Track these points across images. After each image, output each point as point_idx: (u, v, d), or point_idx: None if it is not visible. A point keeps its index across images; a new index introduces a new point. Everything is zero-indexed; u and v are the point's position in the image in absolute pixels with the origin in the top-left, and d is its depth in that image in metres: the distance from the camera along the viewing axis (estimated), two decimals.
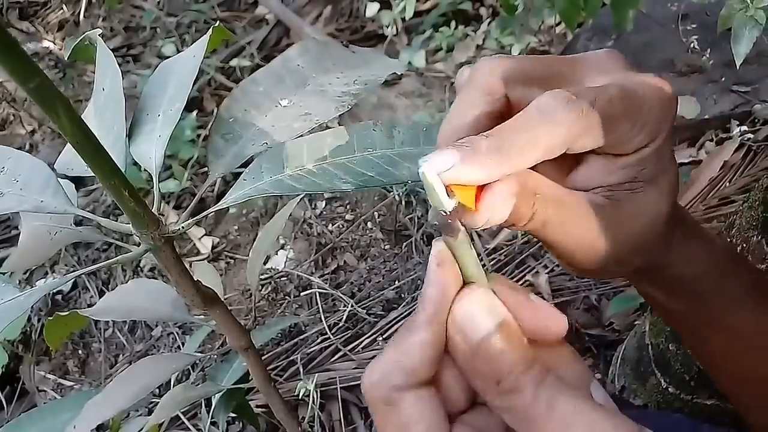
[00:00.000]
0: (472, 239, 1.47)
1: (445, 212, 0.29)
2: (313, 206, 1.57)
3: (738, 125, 1.40)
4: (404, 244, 1.45)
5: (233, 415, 0.94)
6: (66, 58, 0.49)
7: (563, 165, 0.36)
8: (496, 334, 0.29)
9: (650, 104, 0.33)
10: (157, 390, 1.11)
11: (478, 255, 1.37)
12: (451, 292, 0.31)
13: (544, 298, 0.32)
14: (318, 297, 1.36)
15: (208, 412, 0.83)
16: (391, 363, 0.31)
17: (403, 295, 1.35)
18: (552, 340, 0.32)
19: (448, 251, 0.31)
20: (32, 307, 0.54)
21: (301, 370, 1.23)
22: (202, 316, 0.69)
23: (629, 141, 0.33)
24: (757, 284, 0.44)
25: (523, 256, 1.33)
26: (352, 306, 1.31)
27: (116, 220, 0.46)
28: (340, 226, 1.53)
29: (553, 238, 0.33)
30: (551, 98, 0.31)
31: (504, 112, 0.35)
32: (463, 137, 0.31)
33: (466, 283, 0.31)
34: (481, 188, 0.30)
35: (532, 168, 0.31)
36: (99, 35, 0.48)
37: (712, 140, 1.43)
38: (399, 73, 0.44)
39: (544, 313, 0.31)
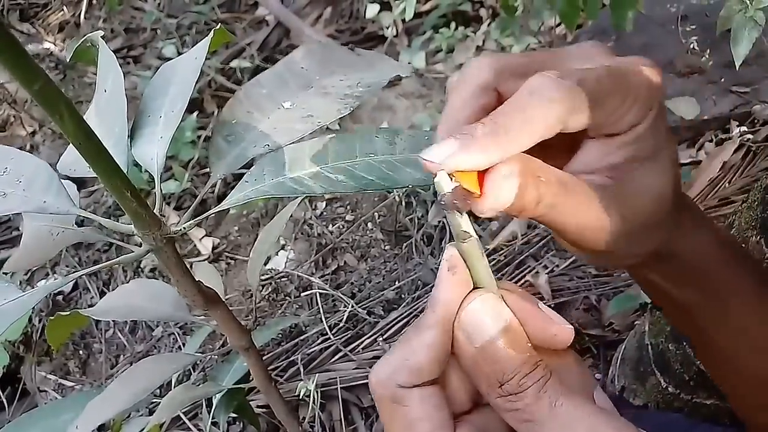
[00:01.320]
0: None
1: (447, 196, 0.30)
2: (313, 207, 1.57)
3: (737, 126, 1.40)
4: (404, 244, 1.45)
5: (234, 415, 0.94)
6: (67, 60, 0.50)
7: (561, 153, 0.37)
8: (501, 337, 0.30)
9: (637, 79, 0.34)
10: (158, 390, 1.11)
11: None
12: (459, 296, 0.31)
13: (543, 299, 0.33)
14: (318, 297, 1.36)
15: (209, 413, 0.84)
16: (398, 362, 0.32)
17: (403, 296, 1.35)
18: (557, 348, 0.32)
19: (459, 256, 0.31)
20: (33, 307, 0.54)
21: (302, 370, 1.23)
22: (203, 317, 0.69)
23: (622, 117, 0.34)
24: (762, 281, 0.44)
25: (523, 256, 1.34)
26: (352, 306, 1.31)
27: (118, 221, 0.46)
28: (341, 226, 1.53)
29: (562, 220, 0.33)
30: (541, 79, 0.32)
31: (496, 105, 0.35)
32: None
33: (475, 287, 0.32)
34: (483, 174, 0.30)
35: (531, 154, 0.31)
36: (100, 37, 0.49)
37: (711, 141, 1.43)
38: (403, 76, 0.44)
39: (551, 322, 0.32)
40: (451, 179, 0.30)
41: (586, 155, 0.36)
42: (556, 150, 0.36)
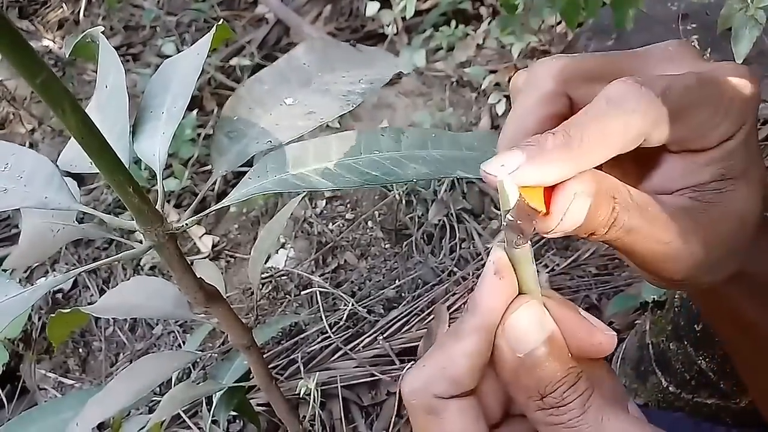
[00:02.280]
0: (473, 239, 1.48)
1: (512, 213, 0.27)
2: (313, 205, 1.57)
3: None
4: (405, 243, 1.45)
5: (234, 413, 0.93)
6: (66, 56, 0.49)
7: (639, 169, 0.34)
8: (544, 348, 0.28)
9: (730, 90, 0.30)
10: (158, 388, 1.11)
11: (479, 255, 1.37)
12: (504, 304, 0.29)
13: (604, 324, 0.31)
14: (318, 296, 1.36)
15: (209, 411, 0.83)
16: (434, 370, 0.30)
17: (403, 294, 1.35)
18: (596, 357, 0.30)
19: (507, 260, 0.29)
20: (33, 305, 0.54)
21: (302, 368, 1.23)
22: (203, 314, 0.69)
23: (711, 132, 0.30)
24: None
25: None
26: (352, 305, 1.31)
27: (118, 218, 0.46)
28: (341, 225, 1.53)
29: (640, 247, 0.30)
30: (621, 86, 0.29)
31: (567, 114, 0.32)
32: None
33: (519, 294, 0.30)
34: (551, 190, 0.28)
35: (603, 168, 0.29)
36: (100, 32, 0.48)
37: None
38: (404, 73, 0.44)
39: (595, 330, 0.30)
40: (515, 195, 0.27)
41: (667, 172, 0.32)
42: (632, 164, 0.33)
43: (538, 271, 1.27)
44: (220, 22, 0.48)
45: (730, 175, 0.31)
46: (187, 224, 0.43)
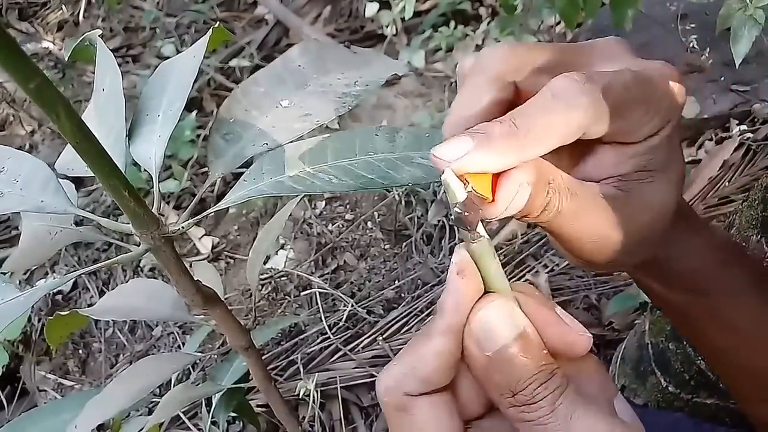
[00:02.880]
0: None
1: (460, 205, 0.28)
2: (313, 206, 1.57)
3: (737, 124, 1.40)
4: (404, 243, 1.45)
5: (234, 414, 0.94)
6: (66, 59, 0.49)
7: (572, 156, 0.35)
8: (514, 345, 0.29)
9: (663, 90, 0.32)
10: (158, 390, 1.11)
11: None
12: (470, 303, 0.30)
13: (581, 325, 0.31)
14: (318, 297, 1.36)
15: (209, 412, 0.84)
16: (405, 369, 0.30)
17: (403, 295, 1.35)
18: (571, 356, 0.31)
19: (470, 260, 0.30)
20: (32, 307, 0.54)
21: (302, 369, 1.23)
22: (203, 316, 0.69)
23: (641, 128, 0.32)
24: (758, 277, 0.43)
25: (523, 255, 1.33)
26: (352, 306, 1.31)
27: (116, 220, 0.46)
28: (340, 225, 1.53)
29: (566, 229, 0.32)
30: (566, 81, 0.30)
31: (512, 100, 0.33)
32: (473, 125, 0.30)
33: (487, 292, 0.30)
34: (496, 177, 0.29)
35: (544, 157, 0.30)
36: (98, 36, 0.48)
37: (711, 139, 1.43)
38: (399, 75, 0.44)
39: (569, 330, 0.30)
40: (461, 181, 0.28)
41: (597, 161, 0.34)
42: (566, 152, 0.35)
43: (537, 271, 1.28)
44: (217, 25, 0.48)
45: (651, 167, 0.33)
46: (183, 227, 0.43)
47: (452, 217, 0.28)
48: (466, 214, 0.28)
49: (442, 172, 0.28)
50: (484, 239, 0.29)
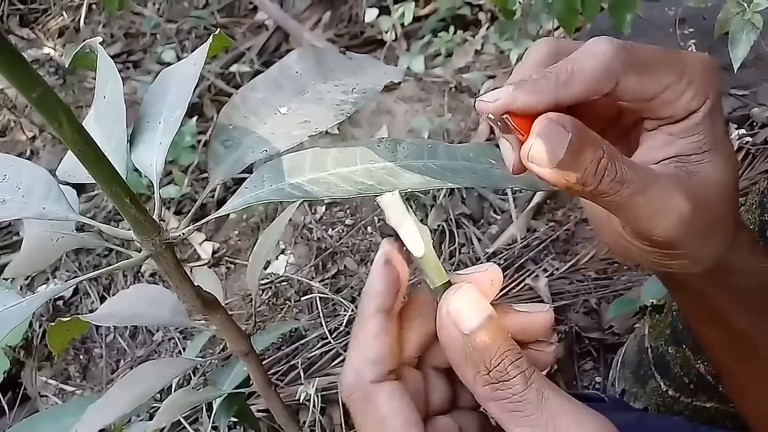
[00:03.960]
0: (473, 243, 1.48)
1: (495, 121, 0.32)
2: (313, 211, 1.57)
3: (736, 129, 1.40)
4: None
5: (234, 419, 0.94)
6: (66, 65, 0.50)
7: (626, 145, 0.37)
8: (487, 326, 0.31)
9: (693, 61, 0.34)
10: (159, 395, 1.11)
11: (478, 259, 1.37)
12: (393, 287, 0.34)
13: (543, 302, 0.33)
14: (318, 301, 1.36)
15: (209, 417, 0.84)
16: (357, 359, 0.33)
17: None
18: (539, 334, 0.34)
19: (391, 250, 0.34)
20: (34, 313, 0.54)
21: (302, 374, 1.23)
22: (203, 321, 0.70)
23: (678, 99, 0.33)
24: None
25: (523, 259, 1.34)
26: (352, 310, 1.31)
27: (117, 226, 0.46)
28: (340, 230, 1.54)
29: (635, 203, 0.32)
30: (596, 40, 0.32)
31: None
32: None
33: (448, 282, 0.34)
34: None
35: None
36: (99, 42, 0.49)
37: None
38: (395, 81, 0.44)
39: (526, 309, 0.34)
40: (504, 124, 0.31)
41: (647, 148, 0.36)
42: (619, 140, 0.37)
43: (537, 275, 1.28)
44: (218, 31, 0.48)
45: (705, 148, 0.35)
46: (184, 233, 0.43)
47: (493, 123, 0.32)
48: (501, 130, 0.32)
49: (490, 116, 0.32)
50: (428, 243, 0.34)
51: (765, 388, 0.46)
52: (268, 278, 1.46)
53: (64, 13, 2.33)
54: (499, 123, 0.32)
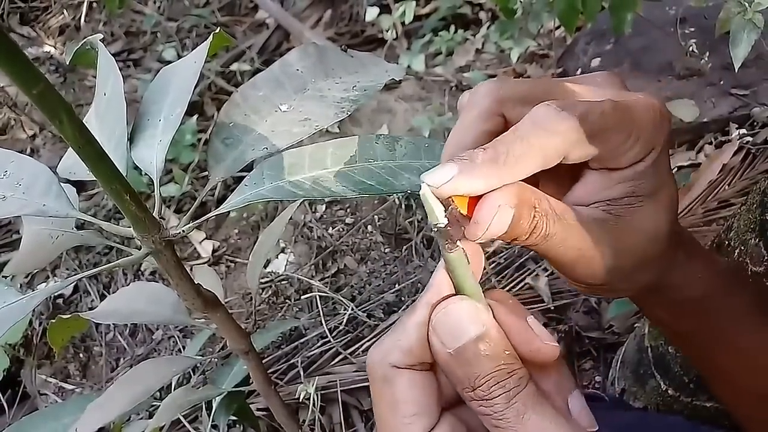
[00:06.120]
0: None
1: (439, 227, 0.30)
2: (313, 210, 1.57)
3: (737, 128, 1.40)
4: (404, 247, 1.45)
5: (234, 418, 0.94)
6: (67, 63, 0.50)
7: (561, 183, 0.37)
8: (476, 343, 0.31)
9: (643, 118, 0.34)
10: (158, 393, 1.11)
11: None
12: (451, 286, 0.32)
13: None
14: (318, 300, 1.36)
15: (209, 415, 0.84)
16: (391, 342, 0.33)
17: (403, 298, 1.35)
18: (539, 363, 0.33)
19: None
20: (34, 310, 0.54)
21: (302, 373, 1.23)
22: (203, 320, 0.70)
23: (624, 153, 0.34)
24: (761, 300, 0.44)
25: (523, 259, 1.34)
26: (352, 309, 1.31)
27: (118, 224, 0.46)
28: (341, 229, 1.54)
29: (556, 252, 0.33)
30: (544, 108, 0.32)
31: (501, 131, 0.35)
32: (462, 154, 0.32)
33: (458, 293, 0.33)
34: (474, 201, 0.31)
35: (531, 180, 0.32)
36: (100, 40, 0.49)
37: (711, 143, 1.43)
38: (397, 79, 0.44)
39: (534, 337, 0.32)
40: (447, 206, 0.30)
41: (584, 186, 0.36)
42: (556, 178, 0.37)
43: (537, 275, 1.28)
44: (218, 30, 0.48)
45: (639, 193, 0.35)
46: (184, 231, 0.43)
47: (434, 231, 0.31)
48: (448, 229, 0.30)
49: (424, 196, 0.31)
50: (460, 249, 0.31)
51: (723, 379, 0.47)
52: (268, 277, 1.46)
53: (64, 11, 2.33)
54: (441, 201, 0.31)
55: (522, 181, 0.31)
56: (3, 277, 1.22)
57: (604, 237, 0.34)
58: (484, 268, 1.34)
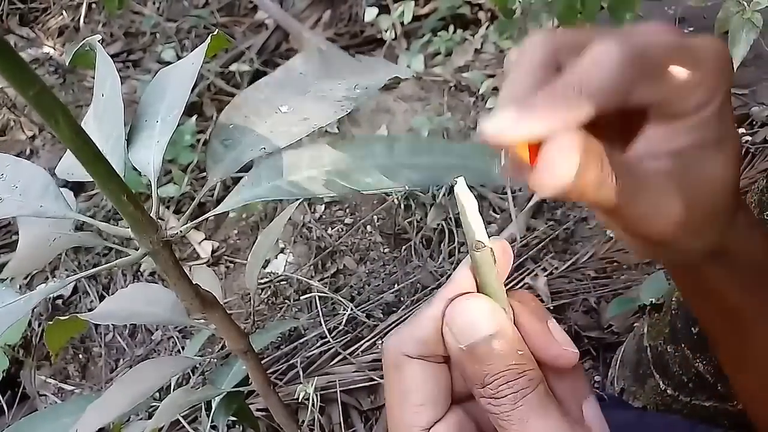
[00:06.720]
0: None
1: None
2: (312, 210, 1.57)
3: (736, 127, 1.40)
4: (403, 247, 1.45)
5: (233, 418, 0.93)
6: (66, 64, 0.50)
7: (625, 137, 0.35)
8: (489, 341, 0.30)
9: (706, 56, 0.32)
10: (158, 394, 1.11)
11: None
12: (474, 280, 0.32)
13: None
14: (317, 301, 1.36)
15: (208, 416, 0.84)
16: (407, 331, 0.33)
17: (402, 299, 1.35)
18: (557, 368, 0.32)
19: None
20: (33, 311, 0.54)
21: (301, 373, 1.23)
22: (202, 320, 0.70)
23: (688, 96, 0.32)
24: None
25: (522, 258, 1.34)
26: (351, 309, 1.31)
27: (116, 225, 0.46)
28: (340, 229, 1.54)
29: (626, 207, 0.32)
30: (602, 46, 0.30)
31: None
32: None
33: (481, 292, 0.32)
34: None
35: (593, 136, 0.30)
36: (99, 41, 0.49)
37: None
38: (401, 78, 0.44)
39: (553, 343, 0.32)
40: (507, 156, 0.29)
41: (648, 139, 0.34)
42: (618, 133, 0.35)
43: (536, 274, 1.28)
44: (217, 31, 0.48)
45: (706, 142, 0.33)
46: (182, 231, 0.43)
47: (463, 225, 0.31)
48: (509, 172, 0.30)
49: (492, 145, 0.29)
50: (488, 249, 0.31)
51: (755, 362, 0.45)
52: (267, 277, 1.46)
53: (63, 12, 2.33)
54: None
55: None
56: (1, 279, 1.22)
57: (672, 190, 0.32)
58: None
